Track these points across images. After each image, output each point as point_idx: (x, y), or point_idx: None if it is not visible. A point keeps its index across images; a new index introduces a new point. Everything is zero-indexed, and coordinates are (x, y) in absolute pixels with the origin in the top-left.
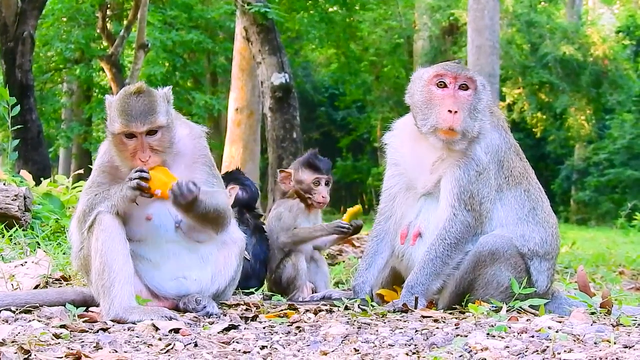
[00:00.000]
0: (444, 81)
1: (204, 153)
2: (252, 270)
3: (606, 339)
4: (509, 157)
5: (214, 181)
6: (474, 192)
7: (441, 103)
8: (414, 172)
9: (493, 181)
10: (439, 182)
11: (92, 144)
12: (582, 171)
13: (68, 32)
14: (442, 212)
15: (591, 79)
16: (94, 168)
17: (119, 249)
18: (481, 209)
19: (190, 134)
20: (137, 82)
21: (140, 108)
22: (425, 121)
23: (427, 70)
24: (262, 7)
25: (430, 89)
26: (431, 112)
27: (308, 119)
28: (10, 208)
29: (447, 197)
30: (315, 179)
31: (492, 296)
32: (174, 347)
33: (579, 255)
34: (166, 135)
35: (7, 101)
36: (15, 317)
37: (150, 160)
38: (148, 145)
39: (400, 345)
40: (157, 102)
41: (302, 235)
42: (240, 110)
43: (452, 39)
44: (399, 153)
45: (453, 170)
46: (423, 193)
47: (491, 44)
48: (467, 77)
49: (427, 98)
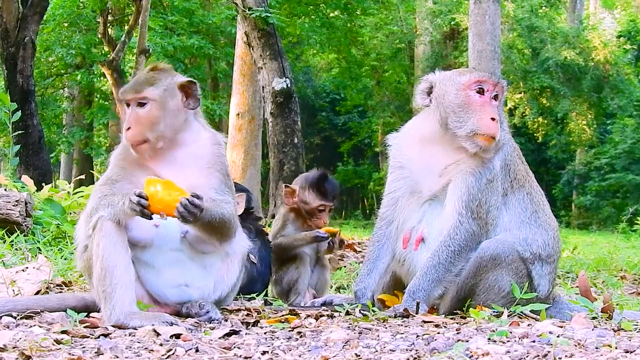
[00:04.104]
0: (483, 88)
1: (220, 160)
2: (257, 274)
3: (607, 343)
4: (514, 160)
5: (226, 190)
6: (482, 201)
7: (482, 110)
8: (420, 175)
9: (500, 188)
10: (446, 186)
11: (93, 149)
12: (583, 176)
13: (69, 38)
14: (448, 218)
15: (592, 84)
16: (110, 160)
17: (120, 255)
18: (487, 217)
19: (211, 139)
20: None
21: (140, 79)
22: (462, 124)
23: (463, 74)
24: (263, 12)
25: (468, 94)
26: (469, 117)
27: (309, 123)
28: (12, 214)
29: (454, 203)
30: (321, 206)
31: (494, 301)
32: (175, 352)
33: (580, 260)
34: (155, 111)
35: (9, 107)
36: (16, 323)
37: (128, 134)
38: (135, 116)
39: (402, 350)
40: (159, 78)
41: (284, 244)
42: (242, 115)
43: (453, 43)
44: (405, 156)
45: (465, 177)
46: (428, 197)
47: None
48: (502, 87)
49: (465, 102)
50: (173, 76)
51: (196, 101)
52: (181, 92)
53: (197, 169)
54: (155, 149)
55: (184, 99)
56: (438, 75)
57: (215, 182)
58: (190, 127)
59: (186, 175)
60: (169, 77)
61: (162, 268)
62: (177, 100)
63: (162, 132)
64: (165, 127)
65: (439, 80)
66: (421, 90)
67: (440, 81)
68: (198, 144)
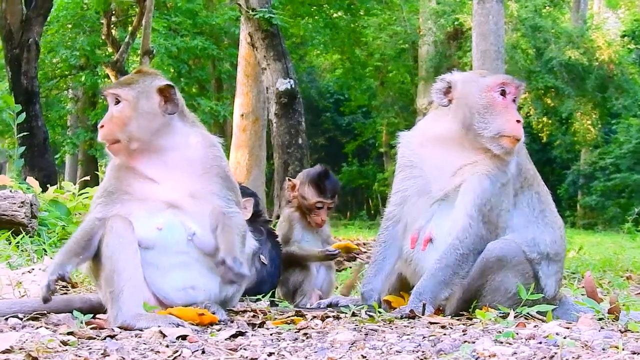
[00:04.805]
0: (505, 89)
1: (217, 163)
2: (267, 275)
3: (614, 345)
4: (524, 161)
5: (229, 195)
6: (494, 205)
7: (506, 111)
8: (432, 175)
9: (512, 190)
10: (459, 187)
11: (97, 150)
12: (588, 176)
13: (73, 39)
14: (458, 220)
15: (597, 84)
16: (106, 171)
17: (130, 255)
18: (498, 221)
19: (202, 142)
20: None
21: (121, 79)
22: (487, 126)
23: (486, 75)
24: (266, 12)
25: (493, 96)
26: (494, 118)
27: (313, 124)
28: (17, 215)
29: (466, 205)
30: (318, 203)
31: (500, 302)
32: (181, 354)
33: (585, 261)
34: (127, 111)
35: (13, 108)
36: (22, 324)
37: (100, 131)
38: (110, 114)
39: (408, 351)
40: (137, 80)
41: (296, 255)
42: (246, 116)
43: (457, 43)
44: (415, 154)
45: (481, 180)
46: (439, 197)
47: (496, 49)
48: (523, 90)
49: (490, 104)
50: (153, 79)
51: (174, 106)
52: (160, 95)
53: (194, 175)
54: (130, 150)
55: (162, 102)
56: (458, 76)
57: (215, 187)
58: (174, 131)
59: (183, 182)
60: (147, 80)
61: (168, 270)
62: (152, 103)
63: (133, 133)
64: (138, 129)
65: (460, 81)
66: (438, 90)
67: (462, 82)
68: (189, 148)
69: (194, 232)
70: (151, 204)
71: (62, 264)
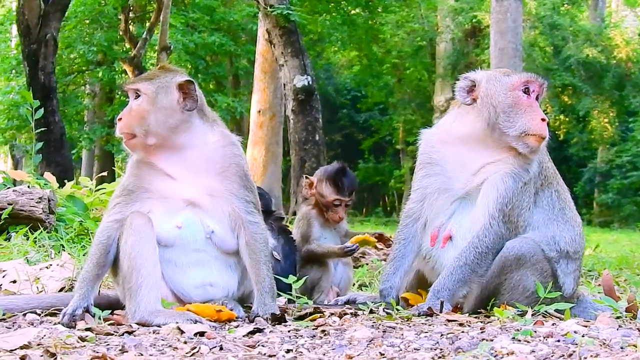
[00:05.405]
0: (529, 88)
1: (235, 162)
2: (281, 272)
3: (632, 343)
4: (544, 159)
5: (248, 195)
6: (516, 204)
7: (531, 110)
8: (453, 172)
9: (533, 189)
10: (481, 185)
11: (114, 145)
12: (605, 174)
13: (91, 35)
14: (479, 219)
15: (614, 82)
16: (126, 169)
17: (149, 252)
18: (518, 220)
19: (221, 141)
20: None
21: (143, 74)
22: (513, 124)
23: (510, 74)
24: (284, 9)
25: (517, 94)
26: (519, 117)
27: (330, 121)
28: (35, 210)
29: (487, 204)
30: (336, 200)
31: (518, 300)
32: (199, 350)
33: (602, 258)
34: (145, 105)
35: (31, 103)
36: (40, 320)
37: (118, 124)
38: (129, 108)
39: (426, 349)
40: (158, 75)
41: (317, 252)
42: (263, 112)
43: (475, 41)
44: (437, 152)
45: (504, 179)
46: (460, 195)
47: (514, 47)
48: (546, 88)
49: (514, 102)
50: (174, 75)
51: (193, 102)
52: (179, 91)
53: (213, 174)
54: (147, 146)
55: (181, 99)
56: (481, 74)
57: (234, 186)
58: (193, 129)
59: (201, 180)
60: (169, 76)
61: (186, 267)
62: (171, 98)
63: (150, 128)
64: (156, 123)
65: (484, 79)
66: (461, 88)
67: (486, 80)
68: (208, 147)
69: (213, 230)
70: (170, 202)
71: (85, 296)
